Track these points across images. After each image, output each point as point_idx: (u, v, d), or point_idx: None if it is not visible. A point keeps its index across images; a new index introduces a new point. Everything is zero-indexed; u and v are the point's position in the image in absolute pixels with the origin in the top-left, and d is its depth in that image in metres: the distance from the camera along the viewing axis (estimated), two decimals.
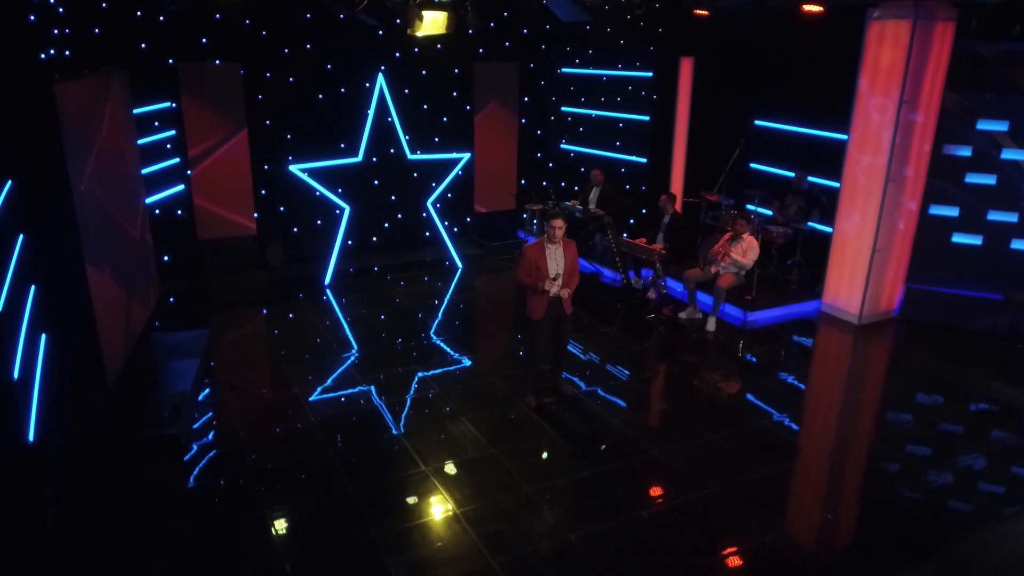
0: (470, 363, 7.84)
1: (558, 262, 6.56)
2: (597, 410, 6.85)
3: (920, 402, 7.26)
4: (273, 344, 8.27)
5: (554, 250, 6.54)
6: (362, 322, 8.93)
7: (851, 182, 8.87)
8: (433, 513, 5.39)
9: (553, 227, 6.42)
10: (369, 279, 10.52)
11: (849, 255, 9.01)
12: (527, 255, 6.49)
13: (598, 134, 12.18)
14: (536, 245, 6.54)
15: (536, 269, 6.48)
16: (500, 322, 9.14)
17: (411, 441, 6.29)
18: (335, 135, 10.72)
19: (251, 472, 5.85)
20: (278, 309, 9.42)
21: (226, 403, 6.94)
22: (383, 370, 7.59)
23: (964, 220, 8.77)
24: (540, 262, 6.47)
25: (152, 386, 6.79)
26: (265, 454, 6.08)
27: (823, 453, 6.41)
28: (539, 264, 6.47)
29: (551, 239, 6.48)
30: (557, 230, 6.43)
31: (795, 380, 7.74)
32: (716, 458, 6.09)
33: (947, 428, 6.77)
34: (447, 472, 5.85)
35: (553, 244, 6.52)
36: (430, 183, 11.35)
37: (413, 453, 6.11)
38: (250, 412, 6.76)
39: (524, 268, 6.51)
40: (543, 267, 6.48)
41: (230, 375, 7.53)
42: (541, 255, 6.49)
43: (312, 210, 10.75)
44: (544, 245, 6.52)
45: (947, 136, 8.66)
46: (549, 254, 6.51)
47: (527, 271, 6.50)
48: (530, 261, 6.48)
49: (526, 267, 6.50)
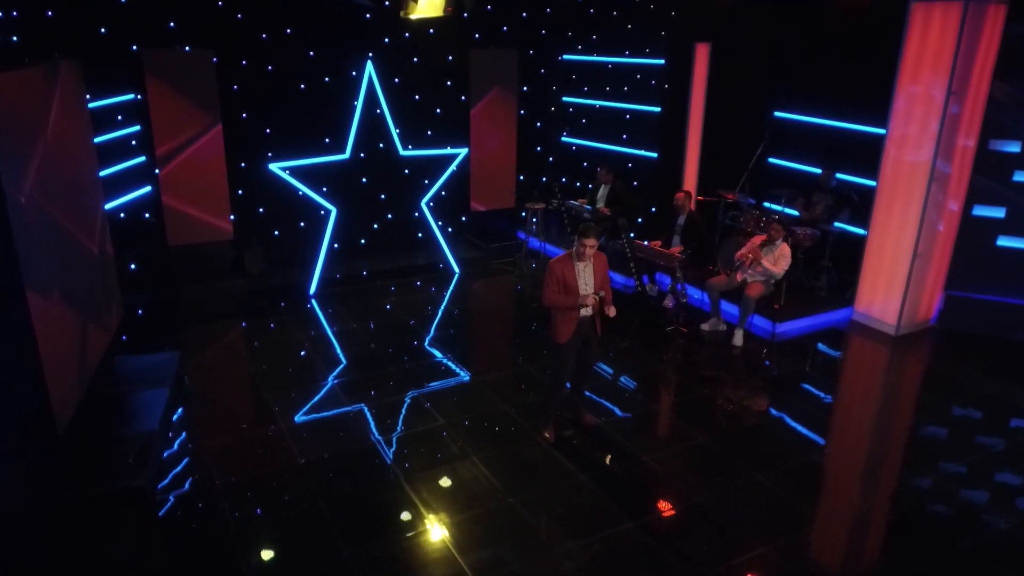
0: (476, 387, 7.00)
1: (587, 280, 5.74)
2: (625, 445, 6.04)
3: (989, 433, 6.52)
4: (253, 367, 7.36)
5: (583, 267, 5.71)
6: (352, 338, 8.04)
7: (889, 180, 8.10)
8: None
9: (585, 246, 5.59)
10: (358, 286, 9.62)
11: (886, 260, 8.25)
12: (554, 271, 5.66)
13: (603, 126, 11.33)
14: (563, 260, 5.71)
15: (565, 287, 5.65)
16: (505, 336, 8.30)
17: (415, 488, 5.44)
18: (319, 129, 9.79)
19: (230, 532, 4.98)
20: (258, 323, 8.50)
21: (201, 443, 6.05)
22: (379, 398, 6.73)
23: (1011, 222, 8.05)
24: (569, 279, 5.65)
25: (114, 426, 5.87)
26: (246, 507, 5.21)
27: (888, 494, 5.64)
28: (568, 282, 5.65)
29: (580, 257, 5.65)
30: (588, 249, 5.60)
31: (838, 402, 6.98)
32: (770, 507, 5.30)
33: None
34: (460, 528, 5.02)
35: (582, 261, 5.70)
36: (423, 181, 10.43)
37: (418, 504, 5.26)
38: (229, 453, 5.87)
39: (552, 286, 5.68)
40: (572, 285, 5.65)
41: (205, 407, 6.63)
42: (570, 271, 5.66)
43: (294, 211, 9.82)
44: (571, 260, 5.69)
45: (994, 130, 7.91)
46: (579, 271, 5.68)
47: (555, 289, 5.68)
48: (558, 278, 5.65)
49: (554, 284, 5.67)
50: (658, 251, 8.68)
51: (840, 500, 5.50)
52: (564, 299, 5.66)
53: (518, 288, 9.77)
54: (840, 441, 6.27)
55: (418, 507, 5.23)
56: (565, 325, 5.75)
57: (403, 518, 5.12)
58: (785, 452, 6.02)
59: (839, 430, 6.49)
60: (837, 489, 5.63)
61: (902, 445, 6.25)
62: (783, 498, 5.39)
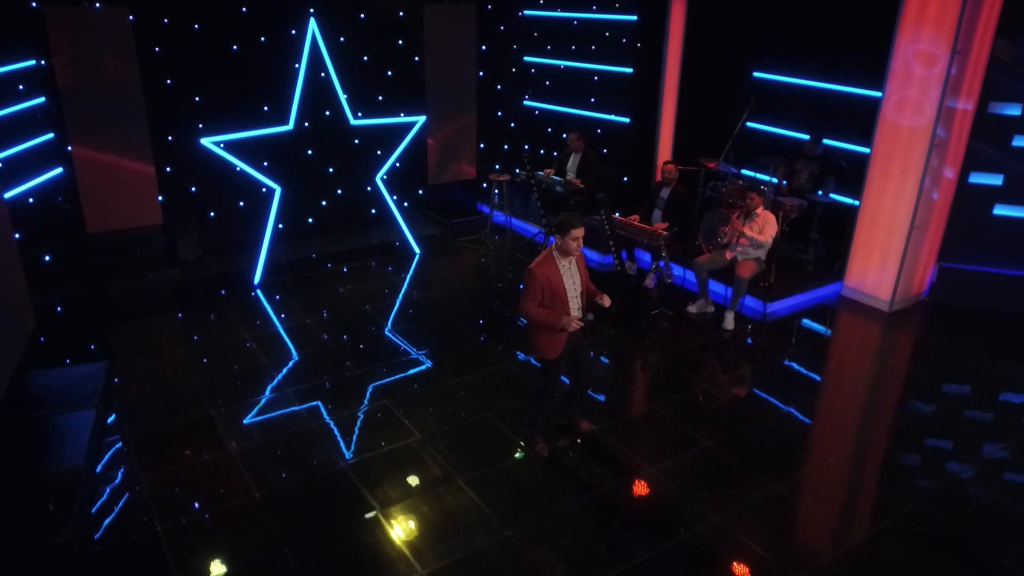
0: (451, 390, 6.24)
1: (575, 280, 5.00)
2: (627, 455, 5.40)
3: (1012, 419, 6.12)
4: (195, 375, 6.43)
5: (569, 265, 4.96)
6: (306, 335, 7.16)
7: (885, 147, 7.55)
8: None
9: (574, 239, 4.82)
10: (308, 272, 8.68)
11: (880, 232, 7.76)
12: (536, 278, 4.84)
13: (569, 89, 10.49)
14: (545, 262, 4.90)
15: (552, 294, 4.88)
16: (478, 327, 7.54)
17: (395, 525, 4.70)
18: (256, 97, 8.70)
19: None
20: (197, 321, 7.52)
21: (138, 477, 5.16)
22: (343, 409, 5.92)
23: (1008, 189, 7.62)
24: (556, 284, 4.88)
25: (29, 463, 4.94)
26: (197, 560, 4.39)
27: (934, 495, 5.16)
28: (555, 287, 4.88)
29: (566, 252, 4.89)
30: (577, 243, 4.84)
31: (846, 392, 6.49)
32: (798, 525, 4.75)
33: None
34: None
35: (568, 258, 4.94)
36: (376, 152, 9.47)
37: (401, 546, 4.53)
38: (172, 489, 5.01)
39: (534, 297, 4.86)
40: (560, 290, 4.89)
41: (140, 430, 5.71)
42: (555, 274, 4.89)
43: (232, 190, 8.76)
44: (555, 260, 4.92)
45: (994, 91, 7.41)
46: (564, 272, 4.93)
47: (539, 300, 4.88)
48: (542, 285, 4.85)
49: (537, 295, 4.86)
50: (642, 228, 7.99)
51: (870, 507, 5.00)
52: (547, 316, 4.86)
53: (482, 263, 8.98)
54: (851, 438, 5.77)
55: (401, 550, 4.50)
56: (553, 340, 5.00)
57: (384, 563, 4.39)
58: (797, 454, 5.49)
59: (856, 427, 5.98)
60: (861, 493, 5.12)
61: (924, 437, 5.79)
62: (810, 514, 4.85)
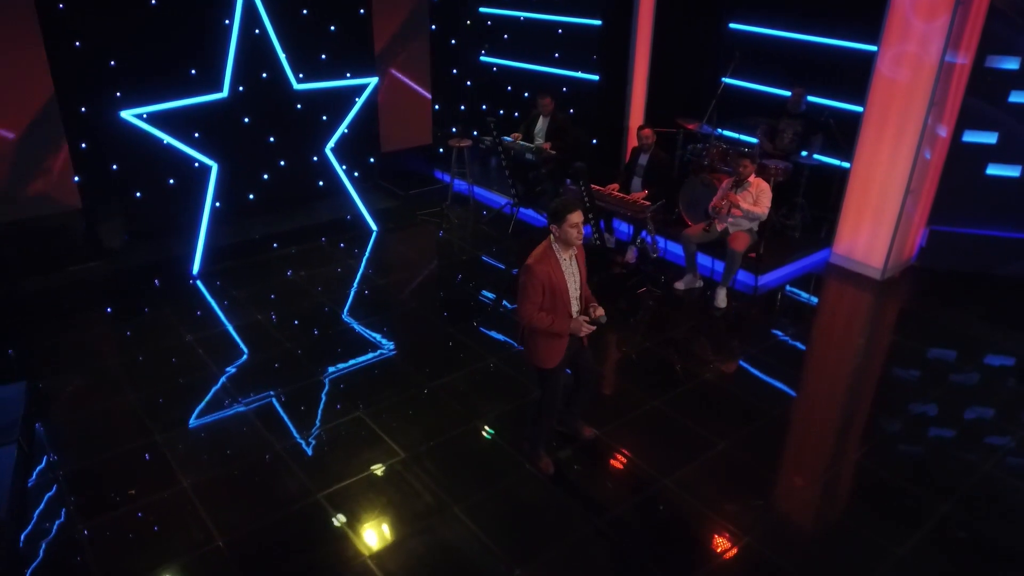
0: (433, 396, 5.57)
1: (576, 276, 4.36)
2: (635, 463, 4.86)
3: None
4: (133, 393, 5.56)
5: (570, 259, 4.31)
6: (259, 335, 6.34)
7: (879, 106, 7.06)
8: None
9: (574, 224, 4.15)
10: (253, 258, 7.77)
11: (873, 196, 7.33)
12: (536, 276, 4.16)
13: (530, 43, 9.67)
14: (545, 257, 4.22)
15: (553, 294, 4.22)
16: (454, 317, 6.84)
17: (384, 568, 4.06)
18: (182, 58, 7.62)
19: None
20: (130, 323, 6.59)
21: (73, 527, 4.35)
22: (313, 427, 5.18)
23: (1002, 148, 7.27)
24: (557, 281, 4.22)
25: None
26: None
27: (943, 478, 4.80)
28: (556, 285, 4.22)
29: (567, 242, 4.22)
30: (577, 231, 4.17)
31: (865, 375, 6.07)
32: (849, 543, 4.30)
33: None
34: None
35: (569, 250, 4.28)
36: (321, 118, 8.54)
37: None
38: (117, 539, 4.23)
39: (534, 299, 4.19)
40: (562, 289, 4.24)
41: (74, 465, 4.86)
42: (557, 271, 4.22)
43: (160, 165, 7.72)
44: (555, 254, 4.24)
45: (991, 44, 6.98)
46: (566, 267, 4.27)
47: (539, 303, 4.21)
48: (543, 284, 4.18)
49: (538, 296, 4.19)
50: (623, 199, 7.36)
51: (921, 521, 4.60)
52: (551, 322, 4.22)
53: (447, 239, 8.23)
54: (885, 438, 5.37)
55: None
56: (554, 346, 4.36)
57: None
58: (819, 451, 5.05)
59: (886, 417, 5.57)
60: (908, 506, 4.72)
61: (958, 425, 5.43)
62: (857, 528, 4.41)
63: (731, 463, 4.90)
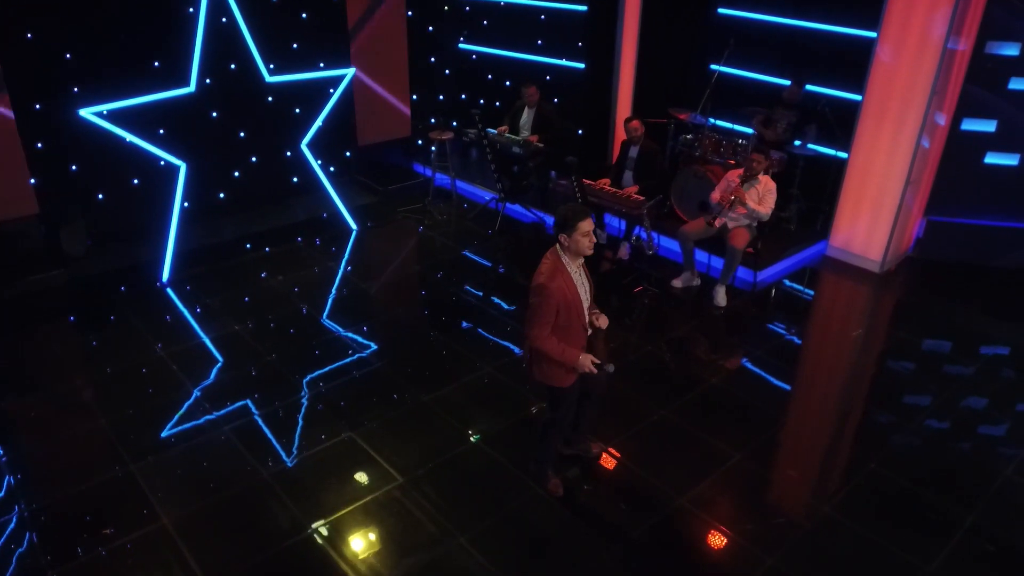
0: (427, 410, 5.24)
1: (587, 288, 4.05)
2: (647, 481, 4.59)
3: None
4: (103, 416, 5.13)
5: (580, 270, 4.00)
6: (237, 347, 5.94)
7: (879, 94, 6.84)
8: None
9: (585, 233, 3.82)
10: (225, 262, 7.32)
11: (872, 187, 7.12)
12: (551, 296, 3.79)
13: (511, 29, 9.29)
14: (555, 272, 3.85)
15: (568, 311, 3.89)
16: (446, 323, 6.50)
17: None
18: (144, 49, 7.11)
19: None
20: (96, 337, 6.14)
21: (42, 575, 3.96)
22: (302, 450, 4.81)
23: (1001, 136, 7.10)
24: (571, 297, 3.89)
25: None
26: None
27: None
28: (571, 302, 3.89)
29: (577, 252, 3.90)
30: (588, 238, 3.85)
31: (878, 373, 5.86)
32: (879, 563, 4.08)
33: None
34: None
35: (579, 260, 3.96)
36: (294, 111, 8.11)
37: None
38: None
39: (547, 319, 3.83)
40: (576, 304, 3.92)
41: (40, 502, 4.45)
42: (569, 284, 3.89)
43: (123, 164, 7.23)
44: (564, 266, 3.90)
45: (991, 29, 6.78)
46: (577, 279, 3.96)
47: (551, 323, 3.85)
48: (557, 300, 3.82)
49: (551, 316, 3.83)
50: (616, 195, 7.05)
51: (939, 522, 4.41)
52: (563, 352, 3.87)
53: (431, 237, 7.87)
54: (903, 444, 5.16)
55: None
56: (564, 369, 4.05)
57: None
58: (836, 461, 4.83)
59: (891, 420, 5.36)
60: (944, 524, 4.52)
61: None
62: (898, 554, 4.20)
63: (747, 476, 4.66)
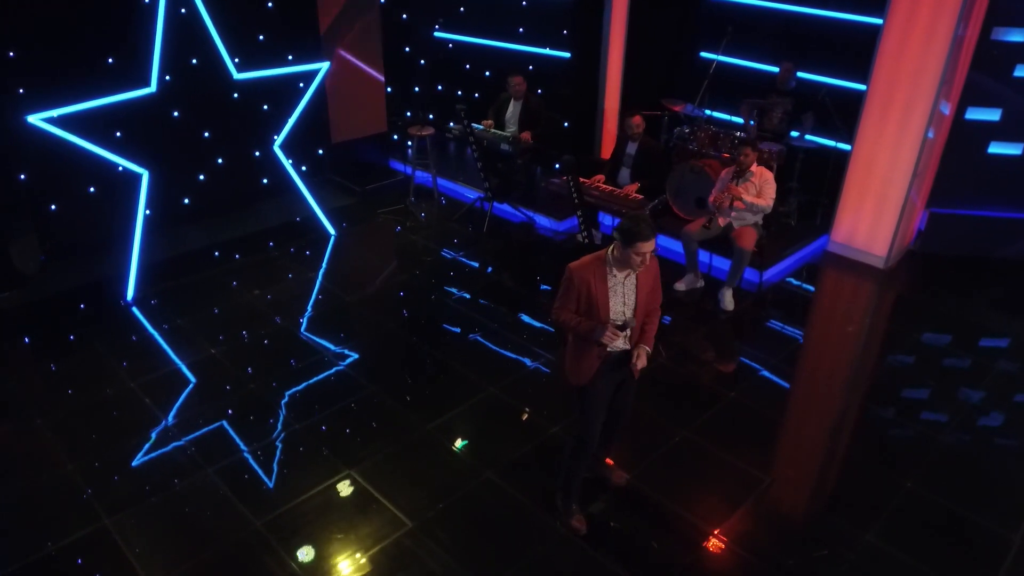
0: (430, 441, 4.82)
1: (626, 298, 3.69)
2: (677, 513, 4.26)
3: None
4: (71, 461, 4.60)
5: (623, 279, 3.65)
6: (216, 374, 5.43)
7: (885, 83, 6.55)
8: None
9: (641, 253, 3.48)
10: (195, 275, 6.75)
11: (876, 181, 6.87)
12: (575, 279, 3.63)
13: (490, 15, 8.79)
14: (591, 265, 3.63)
15: (590, 306, 3.62)
16: (436, 336, 6.07)
17: None
18: (96, 45, 6.48)
19: None
20: (56, 365, 5.56)
21: None
22: (298, 493, 4.35)
23: (1005, 125, 6.89)
24: (598, 295, 3.62)
25: None
26: None
27: None
28: (594, 297, 3.62)
29: (625, 266, 3.57)
30: (642, 259, 3.52)
31: (903, 383, 5.60)
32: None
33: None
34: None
35: (624, 271, 3.62)
36: (262, 107, 7.53)
37: None
38: None
39: (565, 301, 3.69)
40: (601, 304, 3.62)
41: (5, 567, 3.95)
42: (600, 283, 3.62)
43: (77, 171, 6.59)
44: (603, 266, 3.62)
45: (998, 15, 6.54)
46: (613, 285, 3.63)
47: (571, 307, 3.68)
48: (579, 291, 3.63)
49: (571, 302, 3.67)
50: (619, 195, 6.67)
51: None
52: (578, 323, 3.67)
53: (416, 241, 7.40)
54: (940, 457, 4.91)
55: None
56: (583, 360, 3.75)
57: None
58: (876, 476, 4.54)
59: (926, 431, 5.11)
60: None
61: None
62: (919, 570, 3.94)
63: (781, 503, 4.37)
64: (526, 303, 6.45)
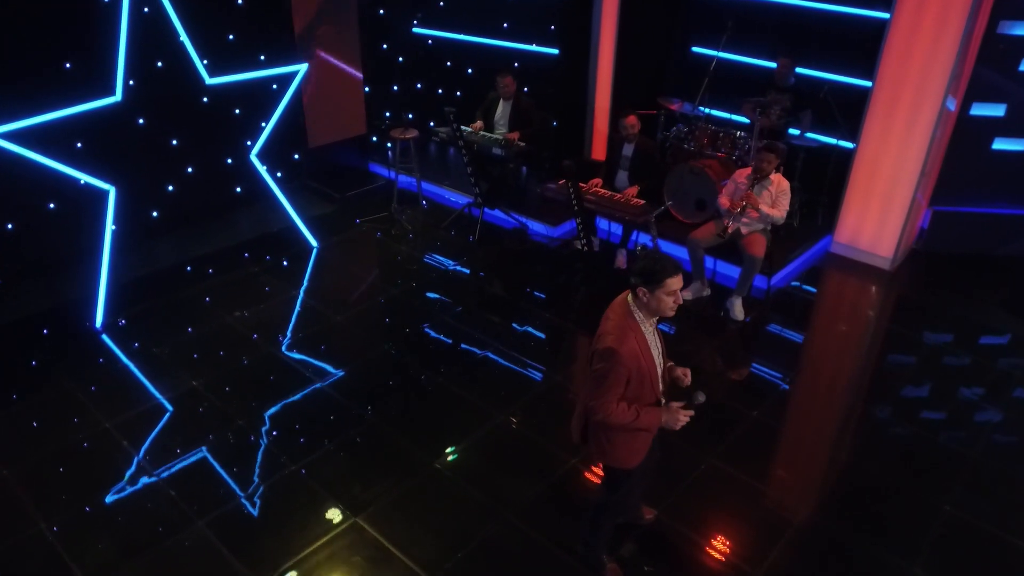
0: (444, 483, 4.47)
1: (660, 348, 3.34)
2: (712, 555, 3.97)
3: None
4: (43, 518, 4.14)
5: (653, 329, 3.28)
6: (199, 409, 4.98)
7: (891, 80, 6.33)
8: None
9: (671, 292, 3.10)
10: (168, 296, 6.24)
11: (882, 180, 6.66)
12: (623, 363, 3.08)
13: (472, 10, 8.37)
14: (625, 333, 3.13)
15: (641, 378, 3.18)
16: (436, 357, 5.68)
17: None
18: (51, 47, 5.92)
19: None
20: (19, 406, 5.04)
21: None
22: (301, 546, 3.95)
23: (1010, 121, 6.73)
24: (646, 362, 3.18)
25: None
26: None
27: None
28: (644, 368, 3.17)
29: (653, 312, 3.17)
30: (674, 298, 3.13)
31: (934, 397, 5.38)
32: None
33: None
34: None
35: (653, 319, 3.24)
36: (233, 111, 7.05)
37: None
38: None
39: (616, 390, 3.12)
40: (650, 370, 3.21)
41: None
42: (644, 349, 3.17)
43: (35, 187, 6.04)
44: (637, 324, 3.18)
45: (1005, 8, 6.34)
46: (650, 340, 3.24)
47: (621, 392, 3.15)
48: (629, 365, 3.11)
49: (621, 386, 3.13)
50: (619, 201, 6.34)
51: None
52: (635, 417, 3.16)
53: (405, 252, 6.98)
54: (976, 481, 4.70)
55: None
56: (639, 441, 3.36)
57: None
58: (914, 500, 4.31)
59: (958, 450, 4.89)
60: None
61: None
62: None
63: (820, 538, 4.10)
64: (525, 315, 6.11)
